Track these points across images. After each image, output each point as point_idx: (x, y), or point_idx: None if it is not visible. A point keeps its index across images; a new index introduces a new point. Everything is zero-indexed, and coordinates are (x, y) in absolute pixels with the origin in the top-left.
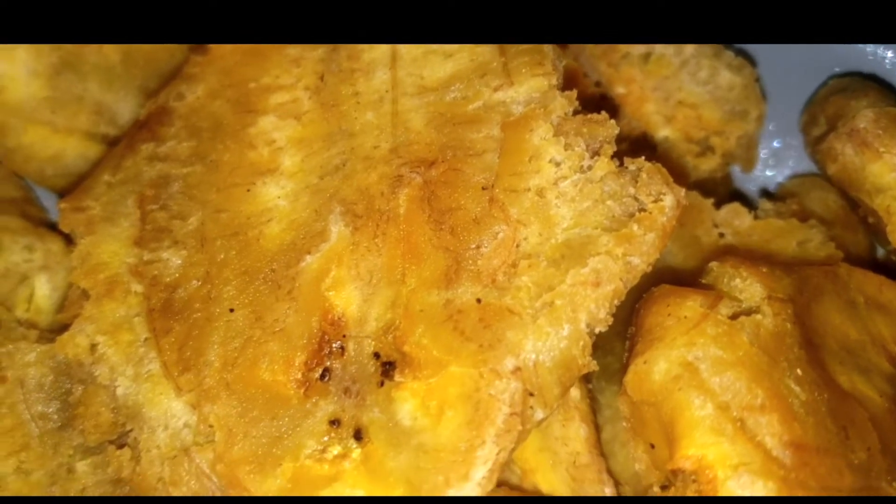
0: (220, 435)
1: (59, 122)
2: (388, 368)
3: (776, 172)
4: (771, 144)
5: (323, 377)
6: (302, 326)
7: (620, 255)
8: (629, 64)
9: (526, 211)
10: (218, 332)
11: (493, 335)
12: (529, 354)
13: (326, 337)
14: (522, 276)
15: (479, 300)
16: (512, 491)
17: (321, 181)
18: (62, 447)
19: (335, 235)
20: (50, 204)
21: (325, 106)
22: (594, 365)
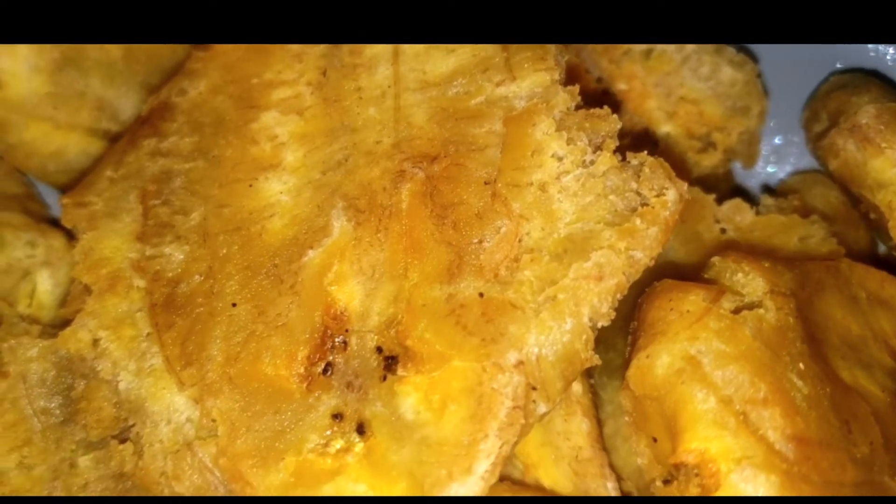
0: (222, 429)
1: (60, 118)
2: (390, 363)
3: (778, 169)
4: (772, 141)
5: (325, 371)
6: (304, 321)
7: (623, 249)
8: (631, 60)
9: (528, 205)
10: (220, 326)
11: (495, 329)
12: (532, 348)
13: (329, 331)
14: (525, 270)
15: (481, 294)
16: (514, 486)
17: (323, 176)
18: (64, 442)
19: (338, 230)
20: (52, 200)
21: (327, 101)
22: (597, 359)
